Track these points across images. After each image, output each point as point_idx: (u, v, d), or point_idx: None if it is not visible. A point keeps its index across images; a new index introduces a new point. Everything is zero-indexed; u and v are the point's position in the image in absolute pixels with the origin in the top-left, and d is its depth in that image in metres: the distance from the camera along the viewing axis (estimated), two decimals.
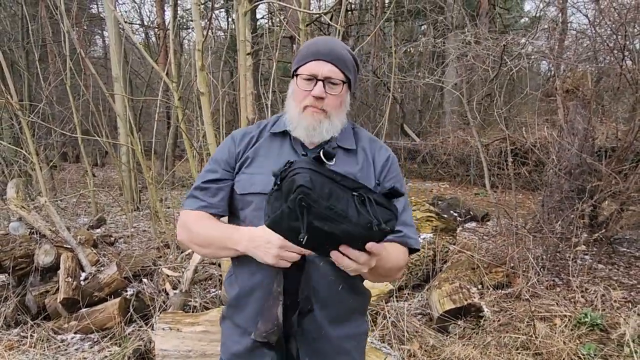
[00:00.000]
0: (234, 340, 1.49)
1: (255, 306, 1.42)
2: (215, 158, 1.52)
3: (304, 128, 1.41)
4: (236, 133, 1.55)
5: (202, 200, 1.48)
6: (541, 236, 5.03)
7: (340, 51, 1.41)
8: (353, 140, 1.49)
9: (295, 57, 1.47)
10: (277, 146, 1.47)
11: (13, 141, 9.38)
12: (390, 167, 1.50)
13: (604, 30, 5.70)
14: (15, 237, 4.16)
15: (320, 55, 1.38)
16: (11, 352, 3.45)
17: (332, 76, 1.38)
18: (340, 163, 1.41)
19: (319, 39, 1.46)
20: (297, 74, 1.42)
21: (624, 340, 3.41)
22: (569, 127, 5.57)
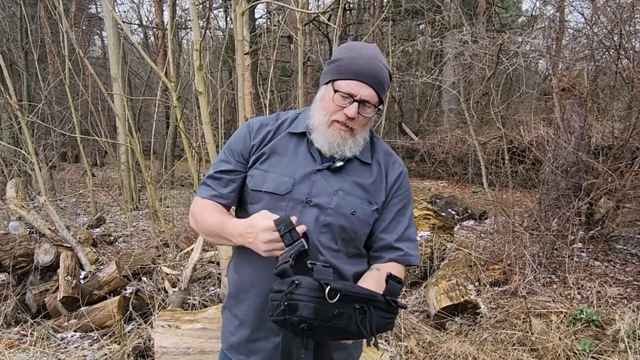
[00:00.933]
0: (230, 331, 1.53)
1: (254, 301, 1.46)
2: (230, 147, 1.51)
3: (327, 142, 1.39)
4: (253, 123, 1.52)
5: (213, 189, 1.48)
6: (538, 234, 5.06)
7: (382, 74, 1.37)
8: (369, 153, 1.48)
9: (334, 61, 1.40)
10: (293, 146, 1.45)
11: (12, 141, 9.40)
12: (400, 183, 1.51)
13: (600, 29, 5.73)
14: (15, 236, 4.18)
15: (363, 76, 1.34)
16: (11, 350, 3.47)
17: (369, 100, 1.35)
18: (356, 174, 1.44)
19: (363, 51, 1.38)
20: (334, 85, 1.37)
21: (619, 336, 3.44)
22: (565, 125, 5.60)
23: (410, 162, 14.47)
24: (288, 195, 1.39)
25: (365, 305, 1.13)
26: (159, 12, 14.36)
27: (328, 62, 1.42)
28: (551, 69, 6.59)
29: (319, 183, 1.40)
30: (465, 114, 8.78)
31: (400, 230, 1.49)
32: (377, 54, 1.38)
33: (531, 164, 6.33)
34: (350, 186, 1.42)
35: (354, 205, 1.41)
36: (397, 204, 1.49)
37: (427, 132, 13.64)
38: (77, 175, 12.88)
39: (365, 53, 1.36)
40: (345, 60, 1.36)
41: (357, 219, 1.41)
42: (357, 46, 1.40)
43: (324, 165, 1.41)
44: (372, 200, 1.45)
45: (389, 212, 1.48)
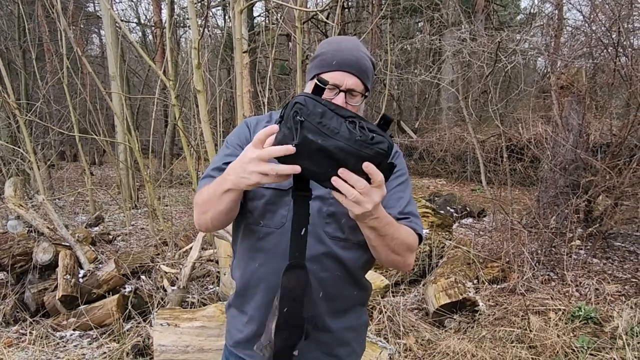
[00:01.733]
0: (238, 328, 1.53)
1: (262, 297, 1.44)
2: (232, 142, 1.50)
3: None
4: (250, 121, 1.54)
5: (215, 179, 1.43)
6: (536, 231, 5.07)
7: (365, 62, 1.39)
8: None
9: (316, 57, 1.42)
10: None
11: (11, 140, 9.39)
12: (395, 161, 1.47)
13: (599, 26, 5.73)
14: (14, 235, 4.18)
15: (346, 66, 1.36)
16: (10, 349, 3.48)
17: (355, 89, 1.37)
18: None
19: (343, 43, 1.41)
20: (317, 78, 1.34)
21: (617, 333, 3.45)
22: (563, 123, 5.61)
23: (409, 160, 14.47)
24: (290, 189, 1.34)
25: (356, 120, 1.06)
26: (157, 11, 14.34)
27: (311, 59, 1.44)
28: (550, 67, 6.60)
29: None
30: (463, 112, 8.78)
31: (402, 205, 1.46)
32: (357, 44, 1.41)
33: (530, 162, 6.34)
34: None
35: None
36: (394, 181, 1.47)
37: (426, 130, 13.64)
38: (76, 174, 12.88)
39: (346, 44, 1.39)
40: (327, 54, 1.38)
41: None
42: (337, 39, 1.43)
43: None
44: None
45: (388, 190, 1.46)
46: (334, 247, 1.40)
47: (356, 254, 1.45)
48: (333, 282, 1.42)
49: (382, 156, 1.05)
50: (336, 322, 1.48)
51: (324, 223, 1.39)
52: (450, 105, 13.19)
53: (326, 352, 1.49)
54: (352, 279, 1.47)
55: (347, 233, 1.41)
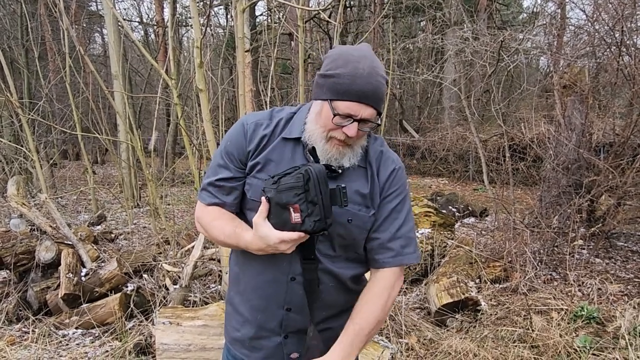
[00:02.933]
0: (234, 327, 1.56)
1: (258, 303, 1.48)
2: (227, 151, 1.45)
3: (325, 155, 1.35)
4: (248, 123, 1.45)
5: (216, 197, 1.45)
6: (539, 231, 5.06)
7: (382, 89, 1.30)
8: (365, 156, 1.44)
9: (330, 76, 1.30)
10: (289, 152, 1.41)
11: (13, 139, 9.41)
12: (393, 180, 1.45)
13: (602, 25, 5.71)
14: (16, 234, 4.18)
15: (364, 98, 1.27)
16: (13, 347, 3.48)
17: (370, 119, 1.31)
18: (352, 179, 1.41)
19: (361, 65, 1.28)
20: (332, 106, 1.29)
21: (619, 333, 3.44)
22: (566, 122, 5.59)
23: (411, 159, 14.47)
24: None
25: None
26: (160, 10, 14.33)
27: (322, 74, 1.33)
28: (552, 66, 6.58)
29: None
30: (466, 111, 8.78)
31: (393, 228, 1.44)
32: (374, 65, 1.30)
33: (532, 161, 6.33)
34: (348, 193, 1.37)
35: (350, 213, 1.39)
36: (391, 202, 1.44)
37: (428, 129, 13.62)
38: (78, 172, 12.90)
39: (363, 67, 1.27)
40: (343, 78, 1.27)
41: (354, 226, 1.40)
42: (353, 57, 1.29)
43: None
44: (370, 204, 1.42)
45: (383, 210, 1.44)
46: (326, 263, 1.42)
47: (346, 268, 1.47)
48: (328, 292, 1.46)
49: (293, 189, 1.22)
50: (334, 321, 1.52)
51: (316, 240, 1.40)
52: (453, 105, 13.16)
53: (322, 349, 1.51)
54: (346, 287, 1.50)
55: (339, 251, 1.44)
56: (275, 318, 1.47)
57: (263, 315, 1.48)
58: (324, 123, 1.32)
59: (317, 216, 1.21)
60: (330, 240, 1.41)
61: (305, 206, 1.21)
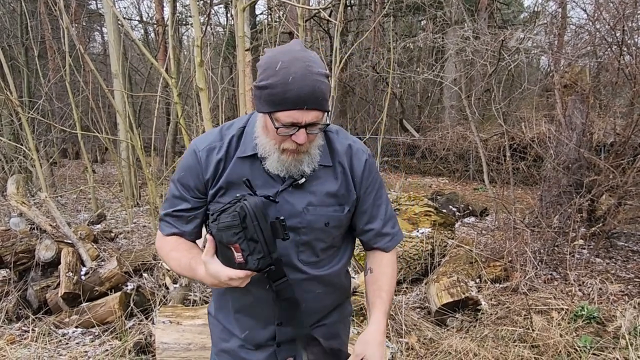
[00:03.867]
0: (222, 338, 1.54)
1: (245, 322, 1.48)
2: (182, 183, 1.39)
3: (284, 167, 1.31)
4: (199, 150, 1.37)
5: (174, 227, 1.43)
6: (539, 230, 5.05)
7: (320, 87, 1.20)
8: (328, 155, 1.39)
9: (264, 87, 1.21)
10: (247, 171, 1.35)
11: (13, 137, 9.41)
12: (367, 172, 1.44)
13: (603, 25, 5.70)
14: (16, 233, 4.18)
15: (302, 103, 1.18)
16: (13, 346, 3.48)
17: (315, 121, 1.23)
18: (320, 182, 1.38)
19: (292, 68, 1.17)
20: (273, 119, 1.22)
21: (620, 332, 3.43)
22: (567, 122, 5.58)
23: (411, 158, 14.46)
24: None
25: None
26: (160, 9, 14.31)
27: (256, 85, 1.24)
28: (553, 66, 6.56)
29: (285, 204, 1.34)
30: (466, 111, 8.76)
31: (382, 214, 1.49)
32: (307, 65, 1.19)
33: (533, 161, 6.32)
34: (318, 197, 1.37)
35: (326, 216, 1.37)
36: (371, 192, 1.46)
37: (428, 128, 13.61)
38: (78, 171, 12.90)
39: (295, 71, 1.17)
40: (276, 87, 1.17)
41: (332, 227, 1.40)
42: (283, 63, 1.18)
43: (286, 184, 1.34)
44: (343, 202, 1.41)
45: (366, 202, 1.46)
46: (310, 271, 1.42)
47: (332, 266, 1.48)
48: (315, 299, 1.47)
49: (231, 228, 1.17)
50: (327, 319, 1.54)
51: (298, 252, 1.39)
52: (453, 104, 13.15)
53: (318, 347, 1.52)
54: (332, 288, 1.51)
55: (321, 255, 1.43)
56: (267, 333, 1.46)
57: (252, 332, 1.47)
58: (273, 136, 1.27)
59: (260, 253, 1.17)
60: (312, 248, 1.40)
61: (245, 245, 1.16)
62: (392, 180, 11.68)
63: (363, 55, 15.99)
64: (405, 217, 5.57)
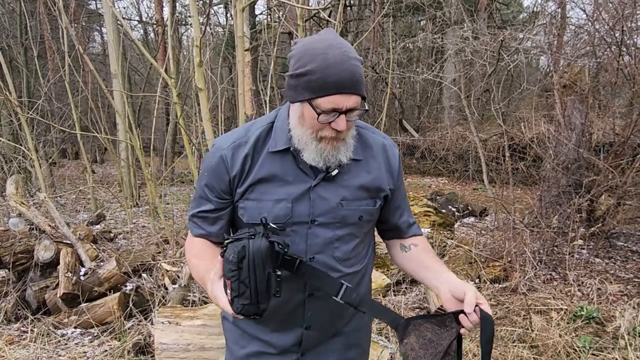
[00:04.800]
0: (241, 345, 1.48)
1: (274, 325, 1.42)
2: (206, 183, 1.37)
3: (321, 157, 1.28)
4: (224, 150, 1.34)
5: (201, 228, 1.42)
6: (538, 230, 5.06)
7: (359, 71, 1.21)
8: (359, 149, 1.37)
9: (301, 75, 1.20)
10: (279, 166, 1.32)
11: (12, 138, 9.40)
12: (400, 169, 1.48)
13: (602, 25, 5.70)
14: (15, 233, 4.17)
15: (343, 87, 1.18)
16: (12, 346, 3.48)
17: (356, 107, 1.22)
18: (352, 175, 1.36)
19: (330, 53, 1.18)
20: (313, 105, 1.21)
21: (619, 333, 3.44)
22: (566, 122, 5.58)
23: (411, 159, 14.45)
24: (289, 220, 1.31)
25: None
26: (159, 9, 14.31)
27: (292, 74, 1.22)
28: (552, 66, 6.57)
29: (319, 199, 1.32)
30: (466, 111, 8.76)
31: (408, 206, 1.55)
32: (344, 50, 1.20)
33: (532, 161, 6.33)
34: (351, 191, 1.35)
35: (360, 210, 1.36)
36: (401, 186, 1.49)
37: (428, 128, 13.62)
38: (77, 171, 12.88)
39: (333, 56, 1.17)
40: (316, 73, 1.17)
41: (365, 221, 1.39)
42: (319, 50, 1.19)
43: (319, 178, 1.31)
44: (375, 195, 1.40)
45: (399, 197, 1.48)
46: (345, 269, 1.38)
47: (362, 263, 1.46)
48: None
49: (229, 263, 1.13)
50: (346, 326, 1.49)
51: (333, 248, 1.36)
52: (453, 104, 13.15)
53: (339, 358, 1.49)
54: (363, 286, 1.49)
55: (353, 251, 1.40)
56: (293, 337, 1.42)
57: (278, 335, 1.42)
58: (310, 125, 1.24)
59: (247, 300, 1.12)
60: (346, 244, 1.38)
61: (236, 285, 1.12)
62: None
63: (362, 55, 15.99)
64: None
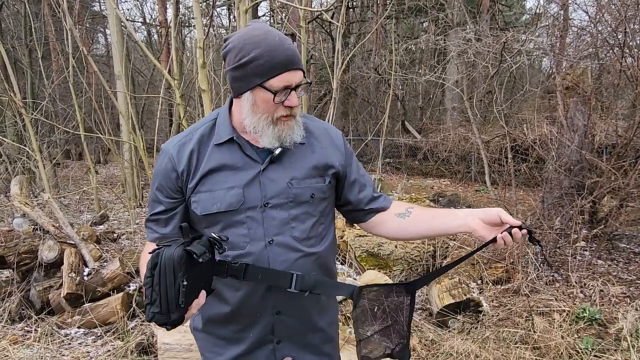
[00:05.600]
0: (217, 352, 1.48)
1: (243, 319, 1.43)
2: (156, 185, 1.42)
3: (277, 137, 1.34)
4: (169, 149, 1.40)
5: (155, 232, 1.44)
6: (541, 232, 5.05)
7: (295, 50, 1.31)
8: (303, 132, 1.43)
9: (247, 63, 1.27)
10: (226, 156, 1.37)
11: (17, 138, 9.45)
12: (346, 148, 1.52)
13: (605, 27, 5.70)
14: (19, 233, 4.20)
15: (290, 64, 1.27)
16: (16, 346, 3.50)
17: (302, 82, 1.32)
18: (298, 156, 1.41)
19: (269, 38, 1.27)
20: (267, 87, 1.28)
21: (621, 334, 3.43)
22: (569, 123, 5.58)
23: (413, 160, 14.45)
24: (242, 206, 1.35)
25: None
26: (163, 10, 14.37)
27: (236, 66, 1.29)
28: (555, 67, 6.57)
29: (268, 182, 1.36)
30: (468, 112, 8.78)
31: (369, 182, 1.56)
32: (278, 33, 1.30)
33: (534, 163, 6.32)
34: (300, 171, 1.40)
35: (310, 188, 1.40)
36: (353, 164, 1.53)
37: (430, 130, 13.61)
38: (81, 172, 12.92)
39: (273, 39, 1.27)
40: (262, 57, 1.25)
41: (317, 199, 1.42)
42: (259, 36, 1.27)
43: (266, 162, 1.37)
44: (324, 174, 1.44)
45: (352, 173, 1.52)
46: (305, 249, 1.40)
47: (323, 244, 1.47)
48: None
49: (148, 269, 1.09)
50: (323, 319, 1.50)
51: (290, 228, 1.38)
52: (455, 106, 13.15)
53: (316, 353, 1.50)
54: (327, 272, 1.49)
55: (311, 231, 1.42)
56: (266, 326, 1.43)
57: (251, 329, 1.43)
58: (265, 109, 1.30)
59: (157, 308, 1.07)
60: (303, 223, 1.40)
61: (149, 292, 1.07)
62: (394, 181, 11.68)
63: (365, 57, 16.01)
64: None
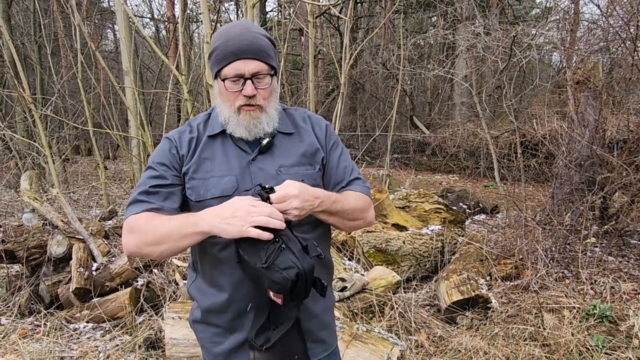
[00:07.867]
0: (216, 341, 1.48)
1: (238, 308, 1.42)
2: (158, 162, 1.42)
3: (244, 127, 1.39)
4: (171, 135, 1.47)
5: (150, 203, 1.35)
6: (550, 228, 5.01)
7: (259, 42, 1.36)
8: (289, 124, 1.50)
9: (211, 54, 1.39)
10: (219, 147, 1.44)
11: (26, 134, 9.51)
12: (329, 133, 1.54)
13: (616, 20, 5.62)
14: (29, 228, 4.23)
15: (242, 53, 1.33)
16: (25, 340, 3.53)
17: (259, 72, 1.35)
18: (286, 145, 1.46)
19: (232, 30, 1.36)
20: (221, 75, 1.36)
21: (632, 332, 3.40)
22: (579, 118, 5.52)
23: (422, 155, 14.39)
24: (236, 192, 1.36)
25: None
26: (170, 6, 14.38)
27: (208, 58, 1.42)
28: (565, 62, 6.50)
29: (258, 171, 1.40)
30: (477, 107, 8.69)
31: (348, 173, 1.54)
32: (247, 27, 1.37)
33: (544, 158, 6.25)
34: (289, 159, 1.44)
35: (300, 174, 1.42)
36: (335, 150, 1.53)
37: (439, 125, 13.54)
38: (90, 168, 13.01)
39: (235, 31, 1.35)
40: (219, 47, 1.35)
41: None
42: (224, 29, 1.39)
43: (255, 152, 1.42)
44: (312, 162, 1.47)
45: (332, 162, 1.52)
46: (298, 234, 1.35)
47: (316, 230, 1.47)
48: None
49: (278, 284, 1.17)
50: (316, 306, 1.49)
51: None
52: (464, 101, 13.06)
53: (311, 339, 1.49)
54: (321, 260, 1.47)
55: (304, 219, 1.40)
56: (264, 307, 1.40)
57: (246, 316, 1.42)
58: (227, 97, 1.38)
59: (299, 296, 1.20)
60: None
61: (287, 295, 1.18)
62: (402, 177, 11.64)
63: (373, 52, 15.94)
64: (415, 214, 5.55)
